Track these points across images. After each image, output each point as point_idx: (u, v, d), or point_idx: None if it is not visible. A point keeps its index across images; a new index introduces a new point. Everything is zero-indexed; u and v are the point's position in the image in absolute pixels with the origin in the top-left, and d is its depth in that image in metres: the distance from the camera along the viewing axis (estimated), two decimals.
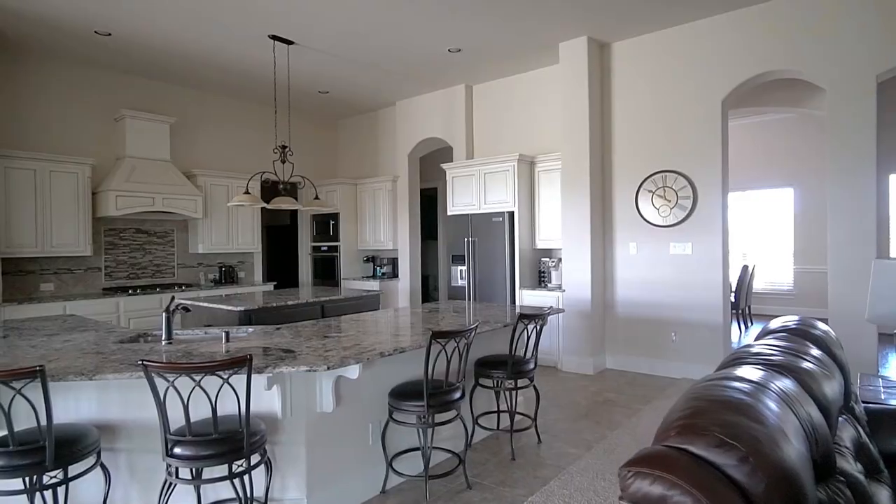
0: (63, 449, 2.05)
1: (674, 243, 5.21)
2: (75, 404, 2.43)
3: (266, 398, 2.44)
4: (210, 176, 6.73)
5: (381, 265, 7.80)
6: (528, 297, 5.82)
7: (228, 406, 2.31)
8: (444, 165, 6.56)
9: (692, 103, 5.07)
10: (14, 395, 1.93)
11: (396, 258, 7.81)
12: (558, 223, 5.81)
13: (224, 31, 5.05)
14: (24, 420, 2.18)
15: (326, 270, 8.03)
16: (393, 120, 7.87)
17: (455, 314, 3.80)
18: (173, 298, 2.77)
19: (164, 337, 2.69)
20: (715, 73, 4.93)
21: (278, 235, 9.63)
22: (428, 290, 9.27)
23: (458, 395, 2.78)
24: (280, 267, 9.75)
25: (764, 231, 9.21)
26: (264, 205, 5.00)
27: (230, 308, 4.26)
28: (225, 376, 2.04)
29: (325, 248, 8.04)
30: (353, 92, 7.16)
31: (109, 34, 5.07)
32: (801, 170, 8.72)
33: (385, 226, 7.71)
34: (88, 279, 5.96)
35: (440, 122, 7.11)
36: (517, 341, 3.28)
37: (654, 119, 5.30)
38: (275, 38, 5.18)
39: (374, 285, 7.52)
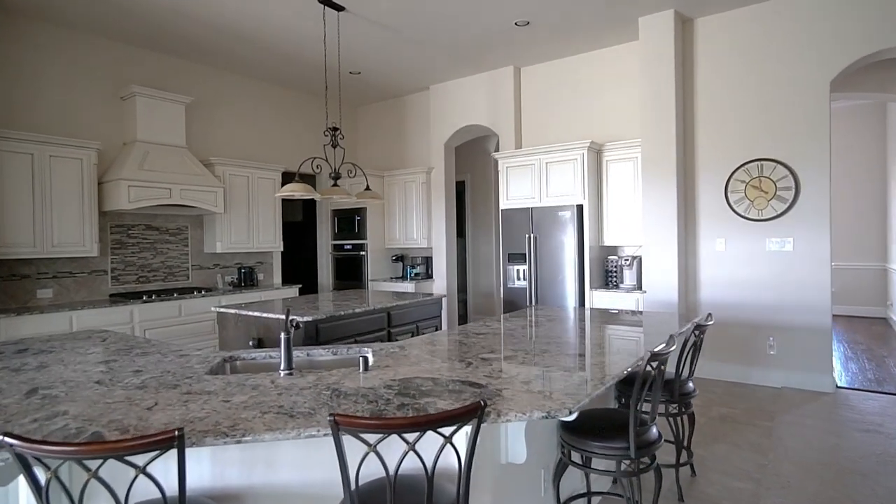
0: None
1: (771, 239, 4.72)
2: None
3: (446, 452, 1.77)
4: (229, 165, 5.92)
5: (414, 265, 7.11)
6: (600, 300, 5.25)
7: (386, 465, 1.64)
8: (496, 155, 5.93)
9: (794, 85, 4.58)
10: (136, 476, 1.22)
11: (430, 257, 7.14)
12: (629, 217, 5.27)
13: None
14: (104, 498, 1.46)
15: (350, 271, 7.30)
16: (425, 106, 7.19)
17: (583, 323, 3.19)
18: (289, 311, 2.07)
19: (283, 366, 1.99)
20: (822, 50, 4.46)
21: (290, 233, 8.82)
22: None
23: (656, 430, 2.18)
24: (293, 267, 8.95)
25: None
26: (317, 195, 4.29)
27: (294, 318, 3.53)
28: (447, 433, 1.38)
29: (348, 247, 7.30)
30: (386, 74, 6.45)
31: None
32: (839, 164, 8.44)
33: (418, 222, 7.03)
34: (92, 284, 5.09)
35: (483, 109, 6.48)
36: (686, 358, 2.70)
37: (746, 103, 4.81)
38: (325, 2, 4.45)
39: (407, 287, 6.83)
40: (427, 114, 7.16)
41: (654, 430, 2.18)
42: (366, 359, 2.03)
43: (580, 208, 5.30)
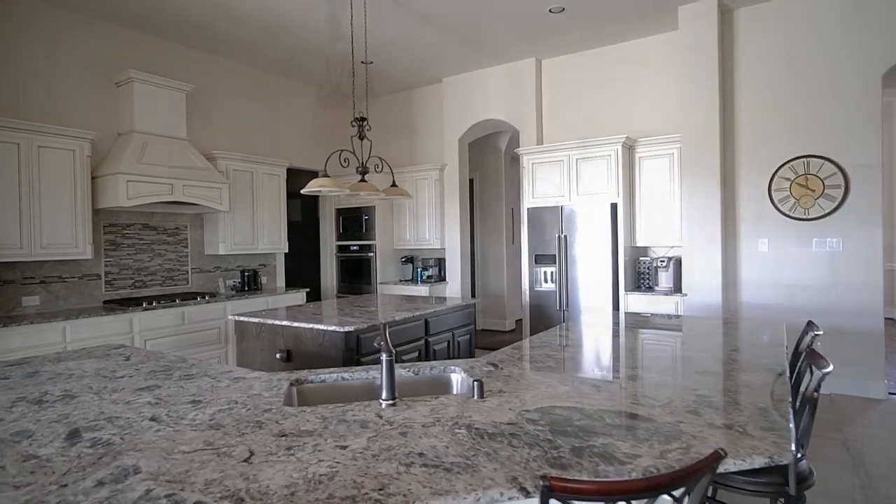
0: None
1: (818, 238, 4.53)
2: None
3: None
4: (232, 159, 5.46)
5: (426, 267, 6.74)
6: (636, 303, 4.99)
7: None
8: (519, 150, 5.61)
9: (842, 79, 4.40)
10: None
11: (442, 259, 6.78)
12: (663, 217, 5.03)
13: None
14: None
15: (356, 274, 6.88)
16: (437, 100, 6.83)
17: (664, 331, 2.89)
18: (385, 327, 1.69)
19: (385, 395, 1.62)
20: (873, 42, 4.28)
21: (288, 233, 8.31)
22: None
23: (805, 462, 1.88)
24: (292, 269, 8.45)
25: None
26: (347, 191, 3.90)
27: (332, 328, 3.15)
28: (678, 494, 1.05)
29: (354, 248, 6.89)
30: (400, 64, 6.07)
31: None
32: None
33: (431, 221, 6.67)
34: (84, 289, 4.58)
35: (501, 102, 6.16)
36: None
37: (791, 98, 4.61)
38: None
39: (419, 290, 6.45)
40: (440, 108, 6.80)
41: (805, 461, 1.88)
42: (480, 384, 1.67)
43: (614, 207, 5.02)
